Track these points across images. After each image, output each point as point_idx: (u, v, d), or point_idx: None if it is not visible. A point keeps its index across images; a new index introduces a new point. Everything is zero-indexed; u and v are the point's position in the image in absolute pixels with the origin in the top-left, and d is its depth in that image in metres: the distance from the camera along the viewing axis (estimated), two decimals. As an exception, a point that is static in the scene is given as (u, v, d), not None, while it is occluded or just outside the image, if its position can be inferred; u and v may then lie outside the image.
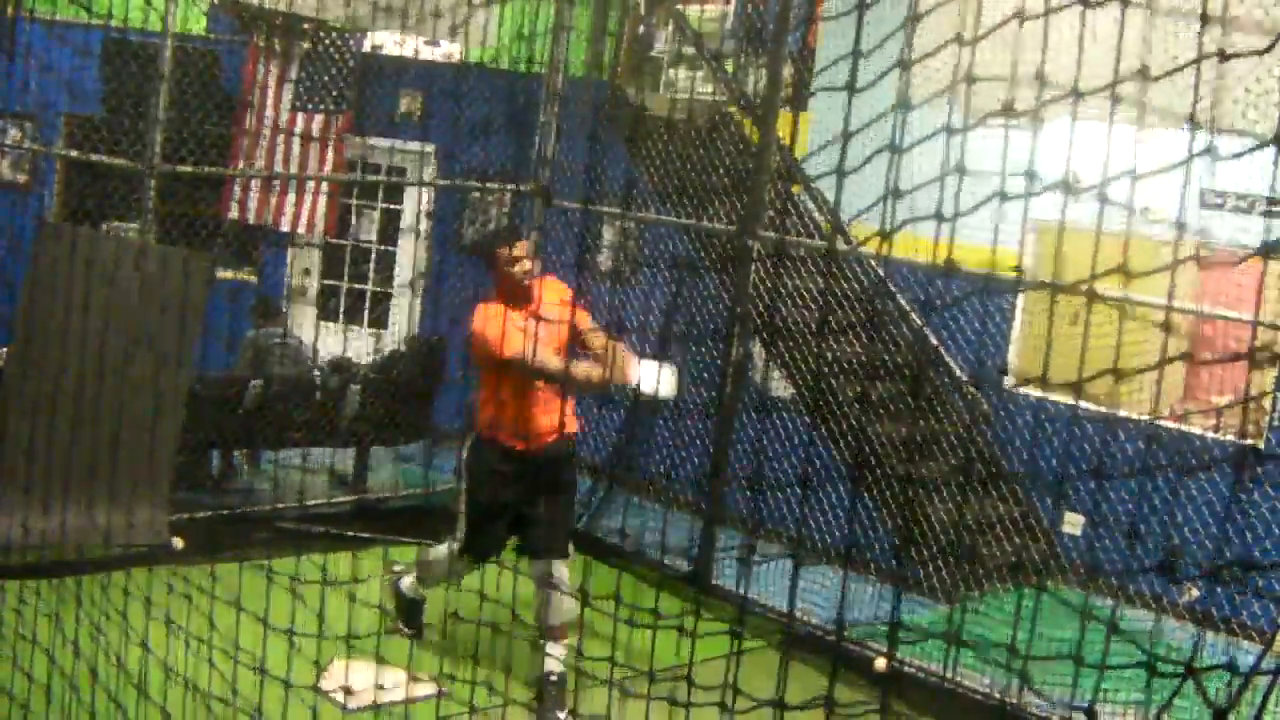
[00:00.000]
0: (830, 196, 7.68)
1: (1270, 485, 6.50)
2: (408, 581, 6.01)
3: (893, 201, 2.43)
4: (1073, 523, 7.57)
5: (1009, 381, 7.76)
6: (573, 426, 5.58)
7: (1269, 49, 1.80)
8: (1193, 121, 1.96)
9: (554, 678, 5.38)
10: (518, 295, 5.34)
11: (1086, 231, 2.27)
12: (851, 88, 2.24)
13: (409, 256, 9.85)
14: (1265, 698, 1.77)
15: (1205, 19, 1.87)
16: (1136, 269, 2.32)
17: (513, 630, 4.40)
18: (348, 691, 4.63)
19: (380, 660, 3.83)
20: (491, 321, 5.18)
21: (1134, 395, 6.91)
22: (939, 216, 2.16)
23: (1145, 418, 6.69)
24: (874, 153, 2.27)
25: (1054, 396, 6.88)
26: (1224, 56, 1.84)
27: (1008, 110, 2.23)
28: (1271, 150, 1.86)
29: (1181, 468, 6.19)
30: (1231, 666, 1.75)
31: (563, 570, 5.43)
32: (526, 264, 5.38)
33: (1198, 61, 1.88)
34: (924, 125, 2.60)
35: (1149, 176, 2.17)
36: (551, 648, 5.36)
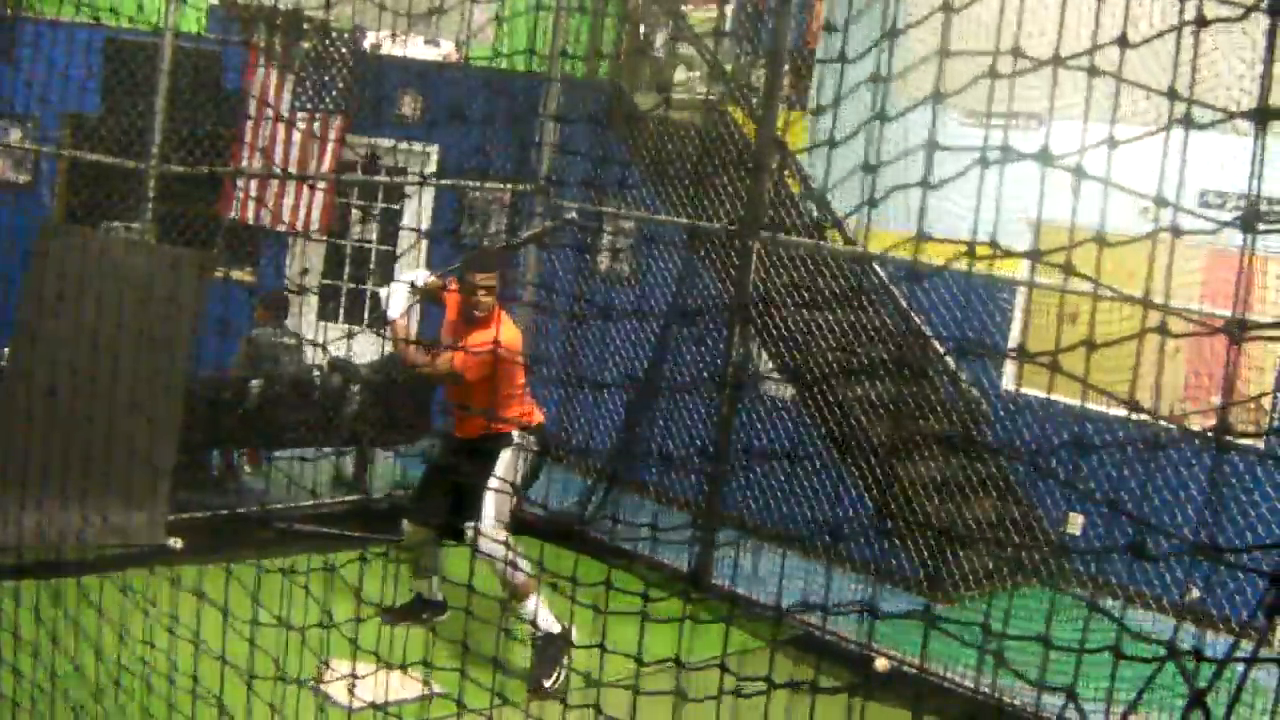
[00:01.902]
0: (829, 196, 7.68)
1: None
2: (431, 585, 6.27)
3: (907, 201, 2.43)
4: (1074, 523, 7.57)
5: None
6: (504, 426, 5.81)
7: (1244, 16, 1.80)
8: (1172, 94, 1.95)
9: (538, 636, 5.63)
10: (469, 320, 5.80)
11: (1083, 230, 2.27)
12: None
13: (408, 255, 9.84)
14: (1239, 686, 1.77)
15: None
16: (1134, 268, 2.33)
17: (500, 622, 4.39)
18: (348, 691, 4.62)
19: (381, 660, 3.82)
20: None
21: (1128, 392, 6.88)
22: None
23: (1146, 417, 6.67)
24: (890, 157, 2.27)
25: (1053, 395, 6.87)
26: (1202, 23, 1.84)
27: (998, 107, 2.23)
28: (1251, 144, 1.87)
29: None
30: (1198, 652, 1.76)
31: (490, 534, 5.50)
32: (483, 297, 5.74)
33: (1178, 28, 1.89)
34: (920, 124, 2.60)
35: (1144, 172, 2.17)
36: (523, 607, 5.60)
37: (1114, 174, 2.18)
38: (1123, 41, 1.99)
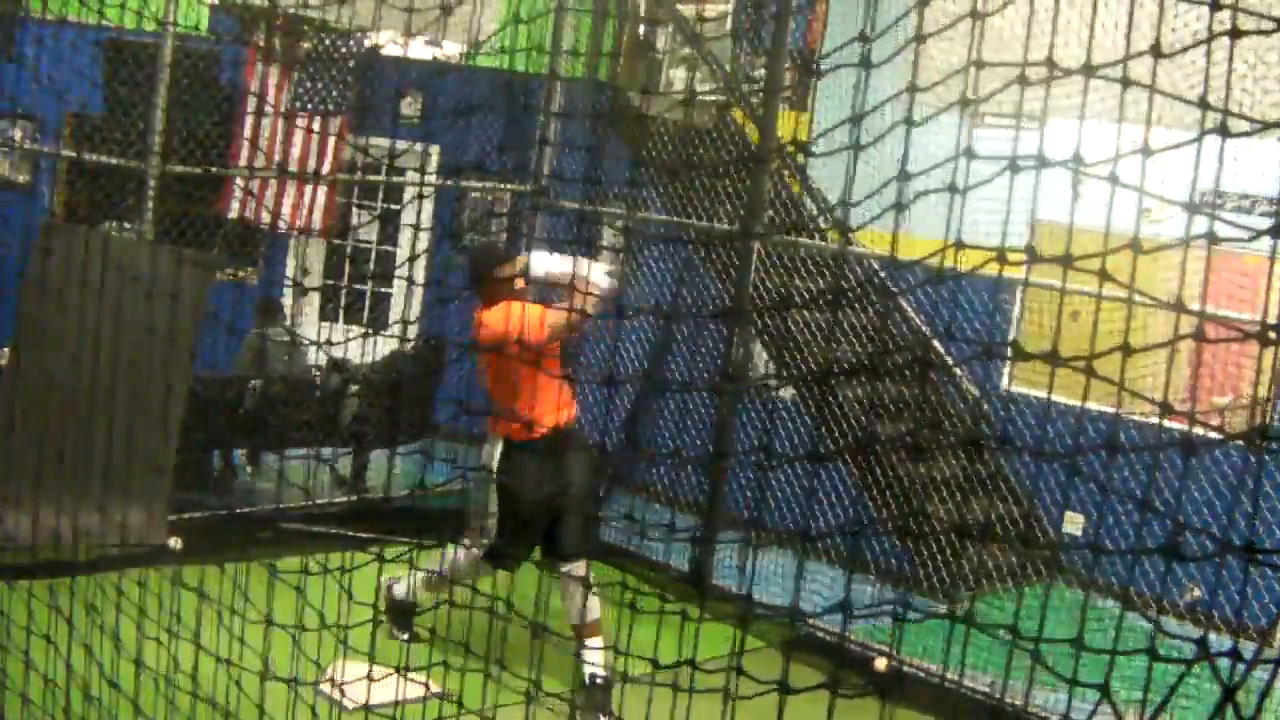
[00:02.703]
0: (830, 196, 7.67)
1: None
2: (400, 588, 5.99)
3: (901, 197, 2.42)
4: (1073, 522, 7.56)
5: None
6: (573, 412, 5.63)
7: (1277, 29, 1.78)
8: (1204, 104, 1.94)
9: (598, 679, 5.34)
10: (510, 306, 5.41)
11: (1087, 231, 2.27)
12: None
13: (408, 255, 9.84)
14: (1267, 686, 1.77)
15: (1217, 5, 1.86)
16: (1137, 268, 2.32)
17: (519, 629, 4.39)
18: (347, 692, 4.61)
19: (381, 661, 3.82)
20: (505, 319, 5.22)
21: (1138, 393, 6.88)
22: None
23: (1150, 419, 6.66)
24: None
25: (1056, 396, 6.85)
26: (1236, 34, 1.83)
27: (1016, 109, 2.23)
28: (1268, 151, 1.86)
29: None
30: (1236, 653, 1.75)
31: (587, 569, 5.36)
32: (520, 283, 5.50)
33: (1209, 40, 1.87)
34: (929, 124, 2.59)
35: (1153, 173, 2.17)
36: (589, 648, 5.31)
37: (1115, 175, 2.18)
38: (1155, 50, 1.97)
